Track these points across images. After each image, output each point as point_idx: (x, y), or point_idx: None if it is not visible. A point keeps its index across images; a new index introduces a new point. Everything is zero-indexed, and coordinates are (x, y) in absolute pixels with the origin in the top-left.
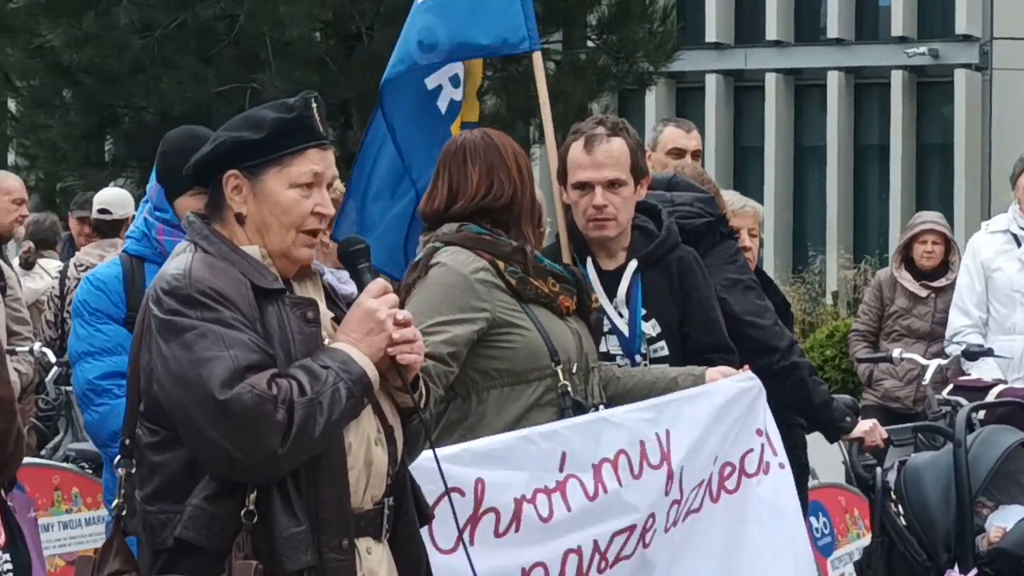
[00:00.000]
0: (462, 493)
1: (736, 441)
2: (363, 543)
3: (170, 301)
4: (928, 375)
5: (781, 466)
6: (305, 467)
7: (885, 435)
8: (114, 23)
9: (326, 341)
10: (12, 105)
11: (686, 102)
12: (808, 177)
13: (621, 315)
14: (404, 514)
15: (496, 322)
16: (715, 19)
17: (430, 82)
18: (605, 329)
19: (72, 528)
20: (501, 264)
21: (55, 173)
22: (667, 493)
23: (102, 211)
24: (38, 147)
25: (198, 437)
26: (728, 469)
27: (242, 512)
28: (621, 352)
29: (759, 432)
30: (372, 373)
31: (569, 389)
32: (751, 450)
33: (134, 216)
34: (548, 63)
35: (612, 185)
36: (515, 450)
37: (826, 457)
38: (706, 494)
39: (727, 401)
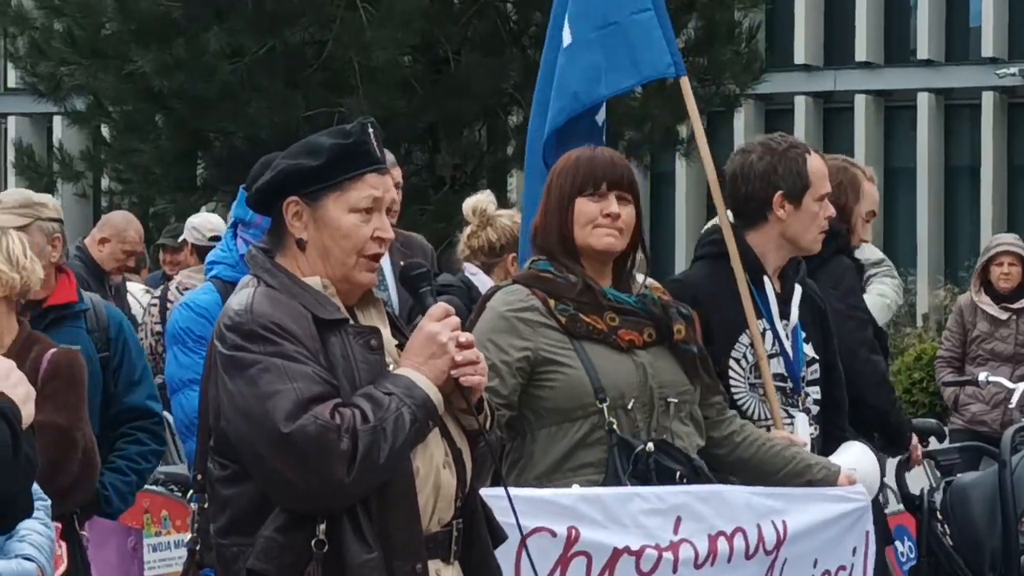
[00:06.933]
0: (553, 534)
1: (834, 552)
2: (432, 565)
3: (233, 336)
4: (1015, 398)
5: None
6: (374, 494)
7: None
8: (204, 49)
9: (391, 367)
10: (105, 130)
11: (775, 124)
12: (898, 199)
13: (787, 337)
14: (476, 537)
15: (538, 360)
16: (804, 41)
17: (599, 118)
18: (772, 351)
19: (161, 551)
20: (552, 302)
21: (148, 197)
22: None
23: (215, 238)
24: (130, 172)
25: (265, 471)
26: None
27: (312, 542)
28: (785, 373)
29: (854, 551)
30: (436, 397)
31: (615, 427)
32: (843, 567)
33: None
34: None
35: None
36: (623, 504)
37: (910, 481)
38: None
39: (838, 510)
